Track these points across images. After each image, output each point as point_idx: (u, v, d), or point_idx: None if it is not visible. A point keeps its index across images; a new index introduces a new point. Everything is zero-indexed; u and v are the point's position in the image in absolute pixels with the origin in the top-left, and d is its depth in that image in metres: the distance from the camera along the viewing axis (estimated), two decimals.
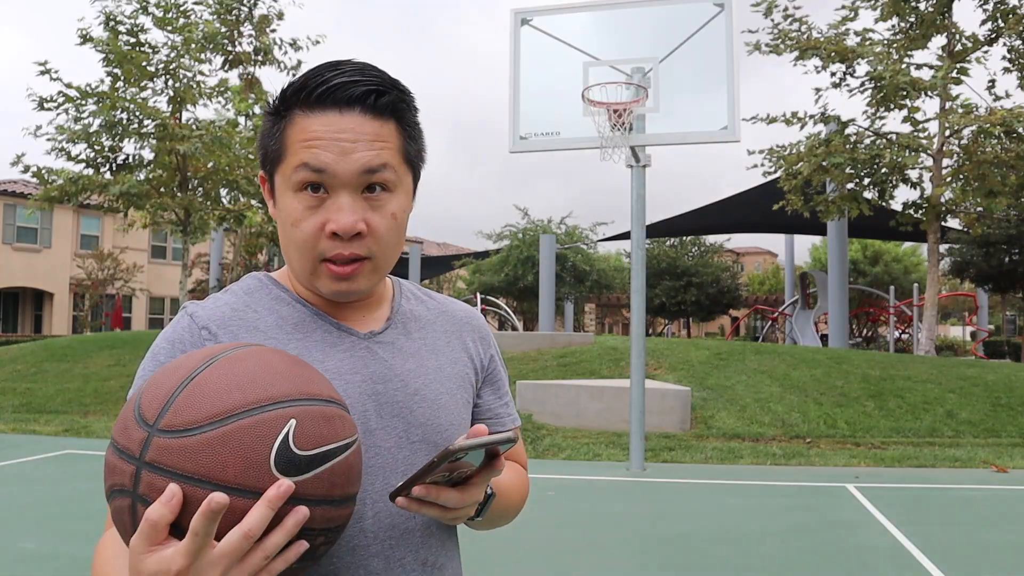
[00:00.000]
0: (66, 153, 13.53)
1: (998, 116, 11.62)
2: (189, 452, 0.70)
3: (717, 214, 20.14)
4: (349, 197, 0.90)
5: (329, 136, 0.88)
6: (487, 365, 1.12)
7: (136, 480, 0.72)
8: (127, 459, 0.73)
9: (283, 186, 0.92)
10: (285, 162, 0.91)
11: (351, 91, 0.89)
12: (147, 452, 0.71)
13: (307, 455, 0.73)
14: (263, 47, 14.82)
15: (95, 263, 25.97)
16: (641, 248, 7.52)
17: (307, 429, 0.74)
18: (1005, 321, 36.88)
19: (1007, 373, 10.84)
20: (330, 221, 0.89)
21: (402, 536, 0.95)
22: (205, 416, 0.72)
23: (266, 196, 0.99)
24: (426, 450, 0.98)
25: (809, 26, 13.08)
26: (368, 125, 0.90)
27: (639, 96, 7.08)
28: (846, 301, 16.99)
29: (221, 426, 0.71)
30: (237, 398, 0.73)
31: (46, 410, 10.73)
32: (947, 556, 4.62)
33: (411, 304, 1.08)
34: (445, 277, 37.83)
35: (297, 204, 0.91)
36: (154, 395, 0.75)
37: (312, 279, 0.94)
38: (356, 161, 0.89)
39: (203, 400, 0.73)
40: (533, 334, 14.38)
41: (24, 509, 5.66)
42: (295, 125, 0.90)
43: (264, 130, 0.95)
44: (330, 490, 0.75)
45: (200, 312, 0.96)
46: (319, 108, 0.89)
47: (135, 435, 0.73)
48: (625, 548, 4.86)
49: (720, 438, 8.72)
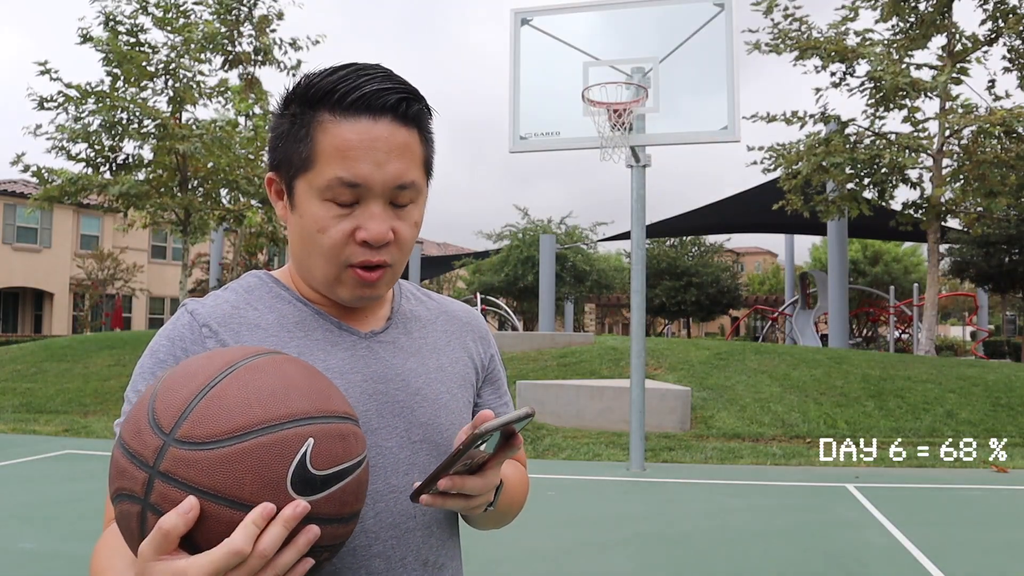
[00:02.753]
0: (66, 152, 13.52)
1: (998, 116, 11.62)
2: (206, 466, 0.69)
3: (717, 214, 20.14)
4: (380, 207, 0.90)
5: (364, 146, 0.88)
6: (487, 365, 1.12)
7: (148, 488, 0.71)
8: (139, 465, 0.72)
9: (308, 193, 0.91)
10: (315, 171, 0.90)
11: (385, 99, 0.89)
12: (161, 462, 0.70)
13: (322, 475, 0.73)
14: (263, 47, 14.83)
15: (95, 263, 25.96)
16: (641, 248, 7.52)
17: (324, 448, 0.73)
18: (1005, 321, 36.88)
19: (1007, 373, 10.83)
20: (361, 229, 0.90)
21: (403, 536, 0.95)
22: (224, 431, 0.71)
23: (273, 197, 0.98)
24: (427, 450, 0.98)
25: (809, 26, 13.08)
26: (399, 134, 0.90)
27: (639, 96, 7.08)
28: (846, 301, 16.99)
29: (240, 442, 0.70)
30: (257, 414, 0.72)
31: (46, 410, 10.73)
32: (947, 556, 4.62)
33: (411, 304, 1.08)
34: (445, 277, 37.84)
35: (324, 212, 0.90)
36: (170, 402, 0.73)
37: (334, 285, 0.94)
38: (390, 173, 0.89)
39: (222, 413, 0.72)
40: (533, 334, 14.38)
41: (24, 509, 5.66)
42: (326, 132, 0.89)
43: (282, 132, 0.93)
44: (341, 508, 0.75)
45: (200, 310, 0.96)
46: (352, 115, 0.88)
47: (149, 441, 0.72)
48: (625, 548, 4.86)
49: (720, 438, 8.72)
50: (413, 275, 25.68)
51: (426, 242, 45.76)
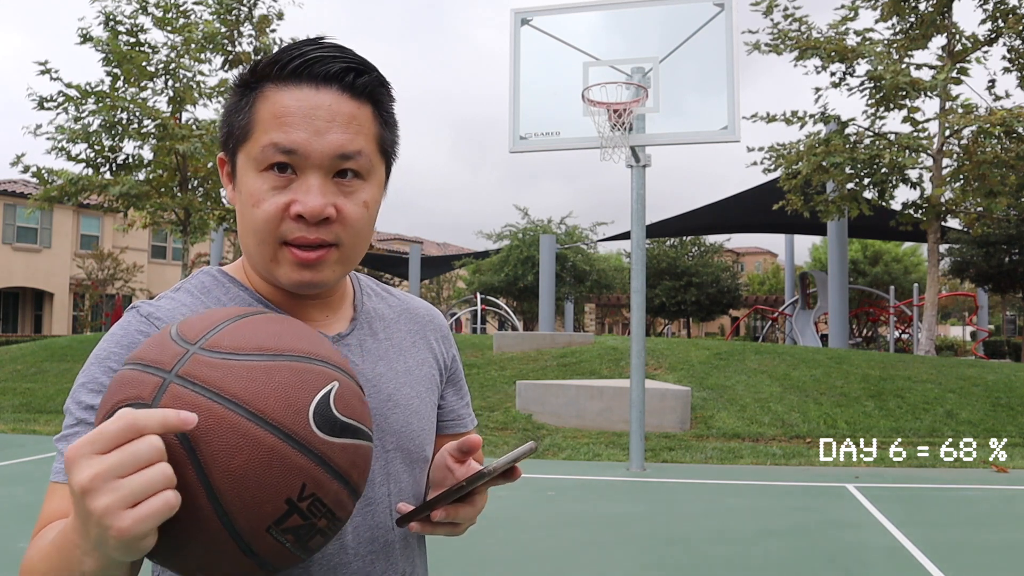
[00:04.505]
0: (66, 153, 13.52)
1: (998, 116, 11.62)
2: (231, 372, 0.66)
3: (717, 214, 20.14)
4: (319, 179, 0.83)
5: (303, 112, 0.82)
6: (450, 365, 1.09)
7: (159, 392, 0.65)
8: (153, 372, 0.67)
9: (246, 165, 0.85)
10: (252, 139, 0.84)
11: (329, 66, 0.83)
12: (181, 366, 0.66)
13: (342, 420, 0.70)
14: (263, 47, 14.82)
15: (95, 263, 25.97)
16: (641, 248, 7.52)
17: (346, 396, 0.71)
18: (1005, 321, 36.89)
19: (1007, 373, 10.83)
20: (296, 202, 0.82)
21: (381, 550, 0.92)
22: (256, 346, 0.68)
23: (224, 180, 0.92)
24: (401, 458, 0.95)
25: (809, 26, 13.08)
26: (345, 104, 0.84)
27: (639, 96, 7.08)
28: (846, 301, 16.99)
29: (270, 360, 0.68)
30: (288, 342, 0.70)
31: (46, 410, 10.73)
32: (947, 556, 4.62)
33: (373, 302, 1.02)
34: (445, 277, 37.83)
35: (260, 184, 0.83)
36: (196, 324, 0.70)
37: (272, 267, 0.86)
38: (330, 143, 0.82)
39: (254, 334, 0.69)
40: (533, 334, 14.38)
41: (24, 509, 5.66)
42: (266, 100, 0.84)
43: (229, 105, 0.88)
44: (350, 469, 0.71)
45: (156, 312, 0.88)
46: (293, 82, 0.83)
47: (170, 350, 0.68)
48: (625, 548, 4.86)
49: (720, 438, 8.72)
50: (413, 275, 25.66)
51: (426, 242, 45.77)
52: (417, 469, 0.97)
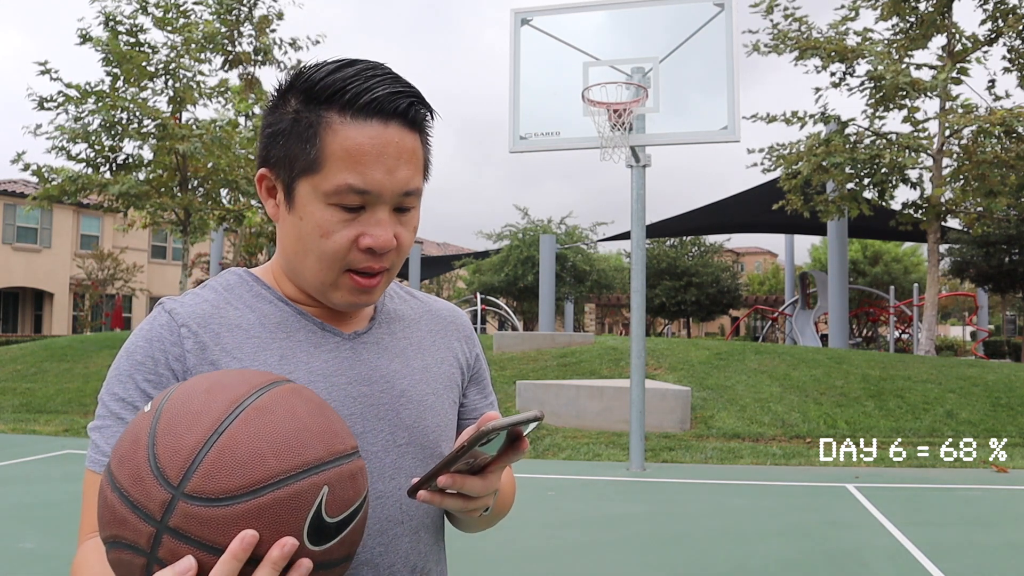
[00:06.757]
0: (66, 152, 13.53)
1: (998, 116, 11.62)
2: (221, 524, 0.67)
3: (717, 214, 20.14)
4: (387, 214, 0.88)
5: (376, 151, 0.85)
6: (473, 364, 1.11)
7: (156, 543, 0.68)
8: (144, 519, 0.68)
9: (312, 196, 0.87)
10: (322, 174, 0.86)
11: (397, 103, 0.86)
12: (171, 517, 0.67)
13: (335, 521, 0.71)
14: (263, 47, 14.83)
15: (95, 263, 25.97)
16: (641, 248, 7.52)
17: (337, 494, 0.72)
18: (1005, 321, 36.90)
19: (1007, 373, 10.83)
20: (367, 236, 0.88)
21: (391, 542, 0.93)
22: (238, 486, 0.68)
23: (264, 195, 0.93)
24: (413, 453, 0.96)
25: (809, 26, 13.08)
26: (407, 140, 0.88)
27: (639, 96, 7.08)
28: (846, 301, 16.99)
29: (255, 498, 0.68)
30: (272, 466, 0.69)
31: (46, 410, 10.73)
32: (947, 556, 4.62)
33: (395, 303, 1.06)
34: (445, 277, 37.84)
35: (330, 216, 0.87)
36: (175, 448, 0.69)
37: (329, 290, 0.92)
38: (399, 181, 0.87)
39: (235, 466, 0.68)
40: (533, 334, 14.37)
41: (24, 509, 5.66)
42: (335, 134, 0.85)
43: (281, 128, 0.88)
44: (349, 549, 0.74)
45: (179, 309, 0.92)
46: (362, 118, 0.85)
47: (155, 494, 0.68)
48: (625, 548, 4.86)
49: (720, 438, 8.72)
50: (413, 275, 25.67)
51: (426, 242, 45.75)
52: (430, 464, 0.98)
